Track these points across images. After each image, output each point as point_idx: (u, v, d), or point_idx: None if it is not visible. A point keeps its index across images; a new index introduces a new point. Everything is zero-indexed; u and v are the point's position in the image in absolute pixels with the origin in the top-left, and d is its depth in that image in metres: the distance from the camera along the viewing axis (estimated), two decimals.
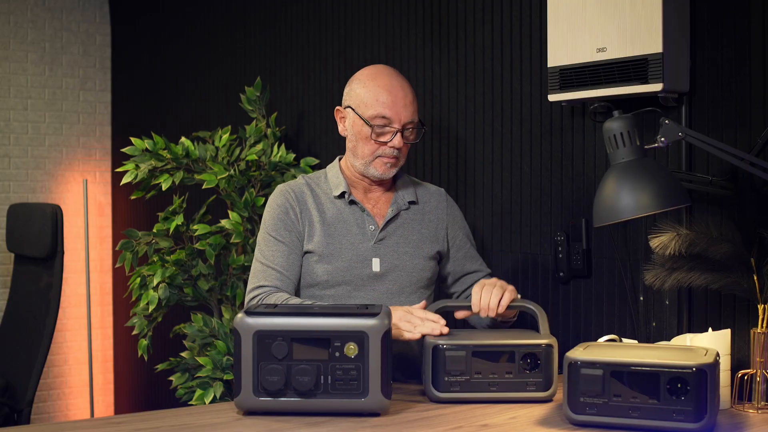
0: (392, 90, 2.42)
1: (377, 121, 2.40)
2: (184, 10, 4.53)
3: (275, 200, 2.48)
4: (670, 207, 2.13)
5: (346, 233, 2.45)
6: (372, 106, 2.41)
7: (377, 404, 1.96)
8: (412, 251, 2.49)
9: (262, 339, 1.94)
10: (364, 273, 2.43)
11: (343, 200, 2.47)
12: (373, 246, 2.45)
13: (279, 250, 2.42)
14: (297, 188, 2.49)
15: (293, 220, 2.44)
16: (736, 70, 2.31)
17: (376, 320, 1.95)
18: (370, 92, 2.42)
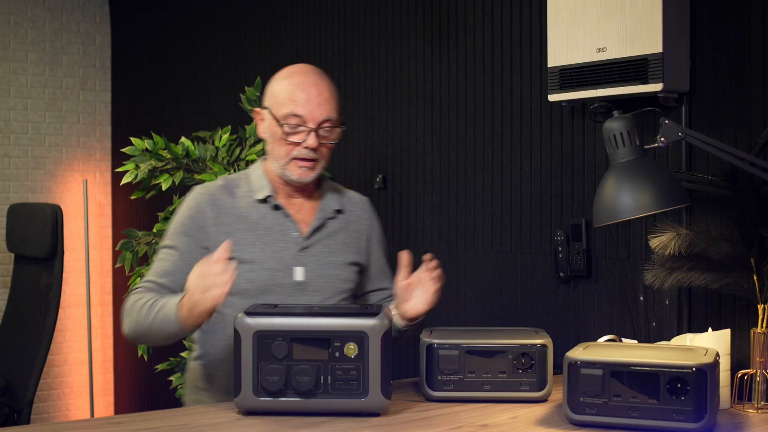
0: (306, 88, 2.27)
1: (290, 120, 2.25)
2: (184, 10, 4.53)
3: (189, 202, 2.32)
4: (670, 207, 2.13)
5: (269, 239, 2.29)
6: (284, 105, 2.26)
7: (377, 404, 1.96)
8: (337, 261, 2.35)
9: (262, 339, 1.94)
10: (285, 282, 2.28)
11: (267, 205, 2.32)
12: (296, 254, 2.30)
13: (171, 255, 2.27)
14: (213, 191, 2.32)
15: (199, 226, 2.28)
16: (736, 70, 2.31)
17: (376, 320, 1.95)
18: (283, 91, 2.28)
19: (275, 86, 2.31)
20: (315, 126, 2.25)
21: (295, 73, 2.32)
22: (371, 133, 3.44)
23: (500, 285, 2.96)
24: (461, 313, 3.08)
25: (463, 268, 3.07)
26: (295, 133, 2.26)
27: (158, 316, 2.10)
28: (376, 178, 3.40)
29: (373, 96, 3.43)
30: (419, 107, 3.23)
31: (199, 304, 2.01)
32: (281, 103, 2.27)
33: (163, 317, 2.09)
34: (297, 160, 2.27)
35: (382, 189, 3.39)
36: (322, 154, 2.29)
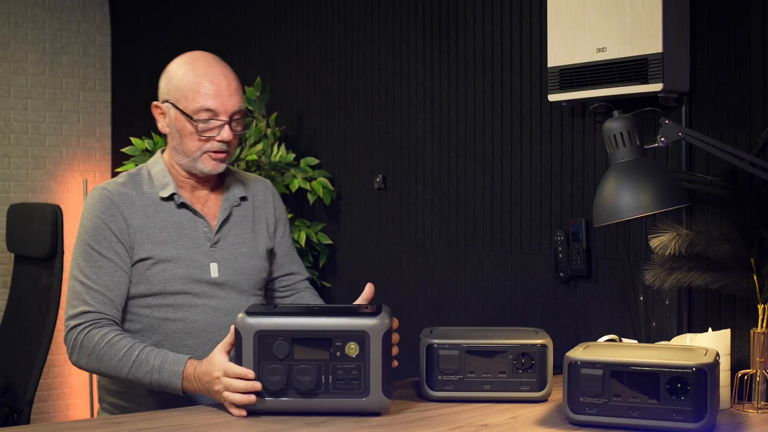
0: (215, 79, 2.18)
1: (202, 115, 2.16)
2: (184, 10, 4.53)
3: (97, 206, 2.17)
4: (670, 207, 2.13)
5: (180, 238, 2.21)
6: (194, 99, 2.16)
7: (378, 404, 1.97)
8: (249, 252, 2.29)
9: (263, 339, 1.94)
10: (203, 279, 2.20)
11: (172, 203, 2.22)
12: (208, 250, 2.23)
13: (103, 268, 2.14)
14: (119, 191, 2.20)
15: (120, 229, 2.16)
16: (736, 70, 2.31)
17: (377, 320, 1.96)
18: (190, 83, 2.18)
19: (178, 78, 2.20)
20: (228, 118, 2.18)
21: (198, 62, 2.22)
22: (371, 133, 3.44)
23: (500, 285, 2.96)
24: (461, 313, 3.08)
25: (463, 268, 3.07)
26: (208, 128, 2.18)
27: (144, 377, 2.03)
28: (376, 178, 3.40)
29: (373, 96, 3.43)
30: (419, 107, 3.23)
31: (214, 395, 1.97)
32: (190, 97, 2.17)
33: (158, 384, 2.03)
34: (209, 153, 2.20)
35: (382, 189, 3.39)
36: (233, 145, 2.23)
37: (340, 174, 3.59)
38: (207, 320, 2.20)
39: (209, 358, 1.98)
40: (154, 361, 2.02)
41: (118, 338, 2.06)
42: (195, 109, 2.16)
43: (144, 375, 2.02)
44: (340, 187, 3.58)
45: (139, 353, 2.03)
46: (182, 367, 2.00)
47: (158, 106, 2.25)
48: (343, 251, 3.59)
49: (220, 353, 1.96)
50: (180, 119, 2.19)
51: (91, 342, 2.07)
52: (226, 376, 1.93)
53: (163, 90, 2.23)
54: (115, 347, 2.05)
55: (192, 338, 2.18)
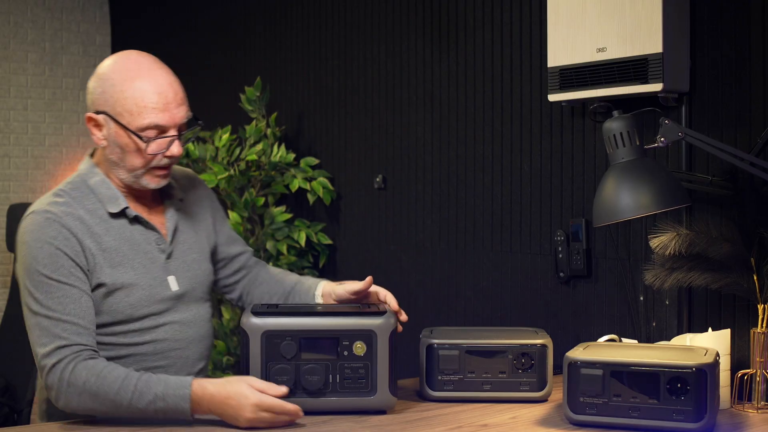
0: (161, 89, 1.96)
1: (150, 132, 1.95)
2: (184, 10, 4.53)
3: (45, 232, 1.93)
4: (670, 207, 2.13)
5: (135, 256, 2.01)
6: (140, 115, 1.94)
7: (385, 402, 1.98)
8: (198, 256, 2.14)
9: (270, 339, 1.95)
10: (165, 296, 2.04)
11: (123, 218, 2.02)
12: (164, 264, 2.06)
13: (68, 296, 1.92)
14: (64, 212, 1.96)
15: (76, 252, 1.94)
16: (736, 70, 2.31)
17: (384, 319, 1.97)
18: (133, 97, 1.95)
19: (117, 90, 1.96)
20: (177, 132, 1.98)
21: (138, 69, 1.98)
22: (371, 133, 3.44)
23: (500, 285, 2.96)
24: (461, 313, 3.08)
25: (463, 268, 3.07)
26: (156, 146, 1.97)
27: (148, 407, 1.86)
28: (376, 178, 3.40)
29: (373, 96, 3.43)
30: (419, 107, 3.23)
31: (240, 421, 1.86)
32: (135, 113, 1.94)
33: (164, 411, 1.86)
34: (155, 169, 2.00)
35: (382, 189, 3.39)
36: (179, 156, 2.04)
37: (340, 174, 3.59)
38: (175, 337, 2.06)
39: (232, 384, 1.86)
40: (156, 388, 1.85)
41: (109, 369, 1.88)
42: (142, 126, 1.95)
43: (147, 405, 1.85)
44: (340, 187, 3.58)
45: (137, 382, 1.86)
46: (188, 389, 1.85)
47: (93, 118, 1.99)
48: (343, 251, 3.59)
49: (249, 385, 1.86)
50: (122, 135, 1.96)
51: (80, 379, 1.87)
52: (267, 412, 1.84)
53: (98, 100, 1.98)
54: (108, 380, 1.86)
55: (162, 358, 2.04)
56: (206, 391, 1.86)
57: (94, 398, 1.87)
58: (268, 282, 2.31)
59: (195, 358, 2.11)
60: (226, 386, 1.86)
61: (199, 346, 2.12)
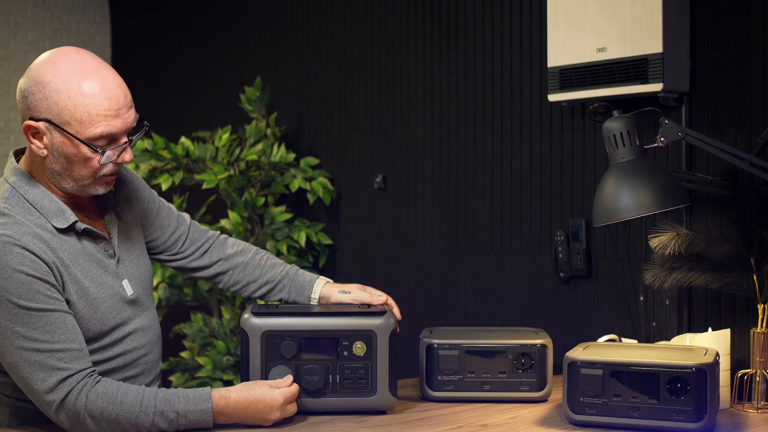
0: (111, 93, 1.80)
1: (101, 142, 1.80)
2: (184, 10, 4.53)
3: (7, 259, 1.75)
4: (670, 207, 2.13)
5: (91, 267, 1.89)
6: (92, 124, 1.78)
7: (385, 402, 1.98)
8: (140, 252, 2.03)
9: (270, 339, 1.95)
10: (124, 303, 1.94)
11: (73, 231, 1.87)
12: (116, 269, 1.94)
13: (52, 323, 1.78)
14: (20, 231, 1.79)
15: (45, 272, 1.78)
16: (736, 70, 2.31)
17: (383, 319, 1.98)
18: (83, 103, 1.78)
19: (62, 94, 1.78)
20: (128, 138, 1.86)
21: (82, 71, 1.80)
22: (371, 133, 3.44)
23: (500, 285, 2.96)
24: (461, 313, 3.08)
25: (463, 268, 3.07)
26: (109, 154, 1.83)
27: (170, 426, 1.81)
28: (376, 178, 3.40)
29: (373, 96, 3.43)
30: (419, 107, 3.23)
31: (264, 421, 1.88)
32: (85, 121, 1.78)
33: (185, 427, 1.82)
34: (105, 176, 1.86)
35: (382, 189, 3.39)
36: None
37: (340, 174, 3.59)
38: (141, 344, 1.98)
39: (256, 389, 1.87)
40: (177, 406, 1.81)
41: (123, 392, 1.80)
42: (93, 136, 1.79)
43: (170, 424, 1.81)
44: (340, 187, 3.58)
45: (156, 402, 1.80)
46: (209, 403, 1.82)
47: (31, 125, 1.80)
48: (343, 251, 3.59)
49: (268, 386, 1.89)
50: (69, 145, 1.80)
51: (97, 410, 1.78)
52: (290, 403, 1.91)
53: (38, 106, 1.79)
54: (126, 405, 1.79)
55: (133, 368, 1.97)
56: (229, 401, 1.85)
57: (115, 425, 1.79)
58: (249, 267, 2.22)
59: (156, 359, 2.06)
60: (249, 391, 1.87)
61: (157, 346, 2.07)
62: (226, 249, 2.23)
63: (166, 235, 2.15)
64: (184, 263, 2.20)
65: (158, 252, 2.17)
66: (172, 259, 2.19)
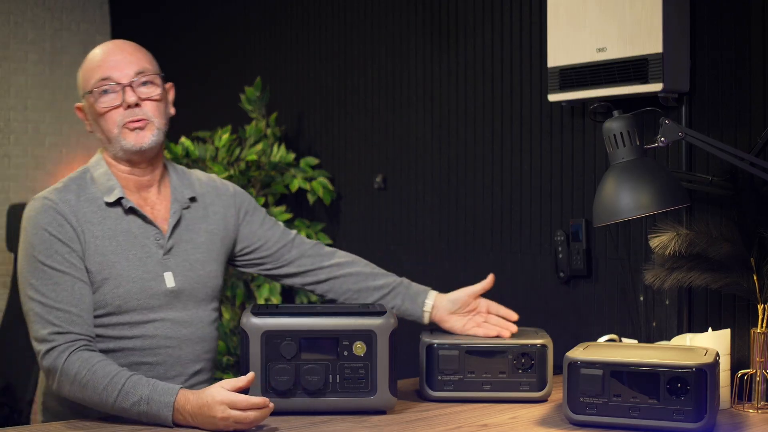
0: (107, 52, 2.07)
1: (101, 85, 2.03)
2: (184, 10, 4.53)
3: (39, 219, 1.99)
4: (670, 207, 2.13)
5: (131, 247, 2.03)
6: (91, 76, 2.05)
7: (385, 402, 1.99)
8: (204, 257, 2.12)
9: (270, 339, 1.95)
10: (159, 291, 2.03)
11: (119, 208, 2.05)
12: (162, 258, 2.06)
13: (60, 283, 1.95)
14: (61, 198, 2.02)
15: (70, 238, 1.98)
16: (736, 70, 2.31)
17: (384, 319, 1.98)
18: (86, 66, 2.08)
19: (81, 70, 2.10)
20: (128, 81, 2.04)
21: (98, 47, 2.12)
22: (371, 133, 3.44)
23: (500, 285, 2.96)
24: None
25: (463, 268, 3.07)
26: (108, 98, 2.04)
27: (132, 408, 1.86)
28: (376, 178, 3.40)
29: (373, 96, 3.43)
30: (419, 107, 3.23)
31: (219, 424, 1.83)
32: (89, 77, 2.06)
33: (146, 415, 1.86)
34: (126, 125, 2.04)
35: (382, 189, 3.39)
36: (151, 112, 2.06)
37: (340, 174, 3.59)
38: (166, 334, 2.05)
39: (206, 390, 1.85)
40: (143, 391, 1.85)
41: (102, 365, 1.90)
42: (92, 84, 2.05)
43: (131, 406, 1.86)
44: (340, 187, 3.58)
45: (126, 382, 1.87)
46: (173, 397, 1.84)
47: (79, 107, 2.13)
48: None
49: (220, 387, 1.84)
50: (89, 105, 2.07)
51: (72, 369, 1.90)
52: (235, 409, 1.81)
53: (78, 88, 2.13)
54: (98, 375, 1.88)
55: (151, 355, 2.04)
56: (187, 402, 1.84)
57: (83, 390, 1.90)
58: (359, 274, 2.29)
59: (189, 359, 2.08)
60: (201, 394, 1.84)
61: (195, 347, 2.09)
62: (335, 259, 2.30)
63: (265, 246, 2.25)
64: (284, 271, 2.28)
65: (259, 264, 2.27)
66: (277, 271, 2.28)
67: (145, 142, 2.05)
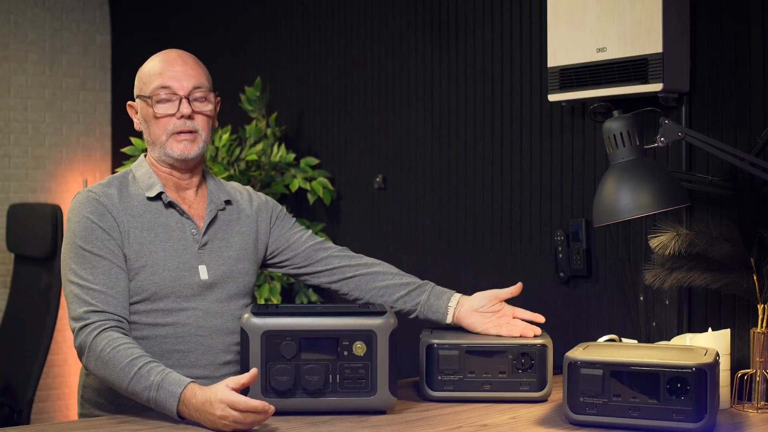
0: (170, 61, 2.20)
1: (159, 93, 2.16)
2: (184, 10, 4.53)
3: (83, 208, 2.11)
4: (670, 207, 2.13)
5: (168, 239, 2.15)
6: (150, 81, 2.18)
7: (385, 402, 1.98)
8: (236, 255, 2.22)
9: (270, 339, 1.95)
10: (193, 282, 2.13)
11: (160, 202, 2.17)
12: (197, 252, 2.16)
13: (98, 267, 2.07)
14: (104, 192, 2.15)
15: (110, 227, 2.11)
16: (736, 70, 2.31)
17: (383, 319, 1.98)
18: (149, 70, 2.20)
19: (141, 72, 2.23)
20: (185, 94, 2.17)
21: (160, 54, 2.24)
22: (371, 133, 3.44)
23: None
24: None
25: (463, 268, 3.07)
26: (165, 106, 2.16)
27: (142, 392, 1.91)
28: (376, 178, 3.40)
29: (373, 96, 3.43)
30: (419, 107, 3.23)
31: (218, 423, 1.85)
32: (146, 81, 2.19)
33: (155, 402, 1.90)
34: (175, 134, 2.16)
35: (382, 189, 3.39)
36: (200, 125, 2.18)
37: (340, 174, 3.59)
38: (198, 323, 2.12)
39: (211, 388, 1.86)
40: (154, 378, 1.91)
41: (125, 346, 1.97)
42: (153, 89, 2.17)
43: (142, 390, 1.91)
44: (340, 187, 3.59)
45: (142, 366, 1.93)
46: (180, 389, 1.88)
47: (131, 105, 2.26)
48: None
49: (224, 386, 1.85)
50: (143, 107, 2.20)
51: (98, 346, 1.98)
52: (234, 410, 1.82)
53: (135, 88, 2.26)
54: (120, 355, 1.95)
55: (183, 343, 2.11)
56: (194, 396, 1.86)
57: (104, 368, 1.97)
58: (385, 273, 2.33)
59: (219, 350, 2.13)
60: (207, 390, 1.86)
61: (225, 338, 2.15)
62: (362, 259, 2.36)
63: (293, 249, 2.33)
64: (318, 275, 2.34)
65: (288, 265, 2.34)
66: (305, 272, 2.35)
67: (191, 152, 2.17)
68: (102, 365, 1.97)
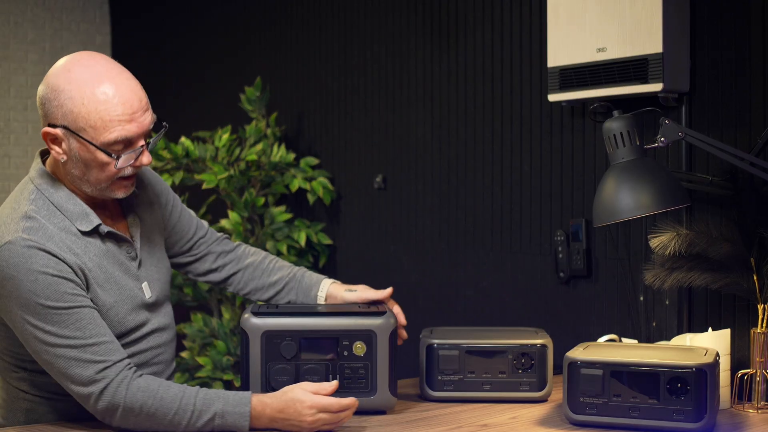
0: (125, 98, 1.81)
1: (117, 147, 1.81)
2: (184, 10, 4.53)
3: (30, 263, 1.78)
4: (670, 207, 2.13)
5: (115, 270, 1.91)
6: (106, 130, 1.79)
7: (385, 402, 1.99)
8: (161, 254, 2.05)
9: (270, 339, 1.95)
10: (143, 303, 1.95)
11: (97, 234, 1.89)
12: (137, 272, 1.96)
13: (82, 319, 1.81)
14: (43, 236, 1.81)
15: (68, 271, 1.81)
16: (736, 70, 2.31)
17: (383, 319, 1.98)
18: (97, 110, 1.79)
19: (76, 102, 1.79)
20: (146, 141, 1.86)
21: (96, 76, 1.81)
22: (371, 133, 3.44)
23: (500, 285, 2.96)
24: (461, 313, 3.08)
25: (463, 268, 3.07)
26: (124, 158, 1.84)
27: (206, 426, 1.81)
28: (376, 178, 3.40)
29: (373, 96, 3.43)
30: (419, 107, 3.23)
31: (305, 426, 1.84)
32: (100, 127, 1.79)
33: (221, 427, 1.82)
34: (122, 180, 1.87)
35: (382, 189, 3.39)
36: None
37: (340, 174, 3.59)
38: (157, 344, 2.00)
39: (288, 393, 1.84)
40: (216, 407, 1.81)
41: (164, 388, 1.82)
42: (108, 141, 1.80)
43: (205, 424, 1.81)
44: (340, 187, 3.59)
45: (195, 401, 1.81)
46: (248, 407, 1.81)
47: (50, 132, 1.83)
48: (343, 251, 3.59)
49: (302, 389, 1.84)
50: (85, 151, 1.82)
51: (137, 402, 1.80)
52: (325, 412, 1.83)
53: (54, 113, 1.81)
54: (166, 400, 1.81)
55: (147, 367, 1.98)
56: (266, 406, 1.83)
57: (152, 420, 1.82)
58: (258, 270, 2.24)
59: (171, 358, 2.08)
60: (282, 396, 1.85)
61: (172, 346, 2.08)
62: (238, 254, 2.26)
63: (185, 239, 2.18)
64: (197, 267, 2.23)
65: (174, 255, 2.19)
66: (186, 263, 2.22)
67: (129, 192, 1.92)
68: (147, 418, 1.81)
